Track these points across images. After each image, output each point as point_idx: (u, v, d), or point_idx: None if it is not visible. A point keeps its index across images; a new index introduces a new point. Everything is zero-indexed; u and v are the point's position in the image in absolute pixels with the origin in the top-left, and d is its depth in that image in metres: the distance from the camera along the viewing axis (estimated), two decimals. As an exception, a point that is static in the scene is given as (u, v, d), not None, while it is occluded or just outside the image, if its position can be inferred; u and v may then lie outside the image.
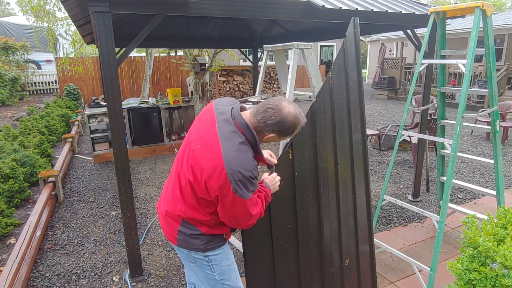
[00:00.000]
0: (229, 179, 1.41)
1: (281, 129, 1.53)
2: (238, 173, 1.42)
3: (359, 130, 2.17)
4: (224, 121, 1.53)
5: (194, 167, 1.51)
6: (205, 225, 1.64)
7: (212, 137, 1.50)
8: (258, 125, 1.53)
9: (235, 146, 1.46)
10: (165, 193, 1.76)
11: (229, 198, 1.46)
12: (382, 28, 5.00)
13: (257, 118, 1.53)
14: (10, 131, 6.73)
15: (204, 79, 13.53)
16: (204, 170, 1.46)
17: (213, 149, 1.46)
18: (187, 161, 1.57)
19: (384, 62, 15.21)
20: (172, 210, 1.67)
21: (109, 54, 2.50)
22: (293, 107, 1.54)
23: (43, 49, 14.03)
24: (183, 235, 1.66)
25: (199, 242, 1.66)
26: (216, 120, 1.54)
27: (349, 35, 2.08)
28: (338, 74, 2.08)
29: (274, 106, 1.51)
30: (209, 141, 1.49)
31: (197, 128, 1.61)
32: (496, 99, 2.79)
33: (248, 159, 1.47)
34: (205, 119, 1.61)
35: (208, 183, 1.46)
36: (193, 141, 1.57)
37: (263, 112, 1.52)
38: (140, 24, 5.71)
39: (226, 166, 1.41)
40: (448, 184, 2.55)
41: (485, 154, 6.36)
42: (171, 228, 1.69)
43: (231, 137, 1.48)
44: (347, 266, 2.27)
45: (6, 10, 36.28)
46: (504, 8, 31.27)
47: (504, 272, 1.39)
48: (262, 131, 1.54)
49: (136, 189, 4.91)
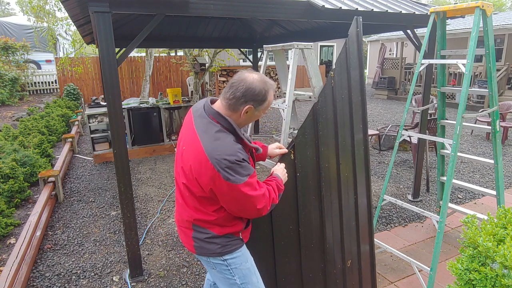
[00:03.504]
0: (216, 169, 1.41)
1: (252, 96, 1.51)
2: (223, 160, 1.42)
3: (361, 130, 2.17)
4: (199, 117, 1.56)
5: (184, 168, 1.54)
6: (215, 226, 1.62)
7: (192, 135, 1.53)
8: (230, 103, 1.52)
9: (213, 136, 1.48)
10: (176, 205, 1.78)
11: (224, 188, 1.45)
12: (382, 28, 5.00)
13: (226, 96, 1.53)
14: (10, 131, 6.73)
15: (204, 79, 13.53)
16: (192, 168, 1.49)
17: (195, 145, 1.49)
18: (178, 165, 1.61)
19: (384, 62, 15.21)
20: (181, 218, 1.69)
21: (109, 54, 2.50)
22: (256, 74, 1.55)
23: (43, 49, 14.03)
24: (199, 241, 1.66)
25: (215, 247, 1.64)
26: (193, 119, 1.59)
27: (351, 35, 2.08)
28: (340, 73, 2.07)
29: (237, 78, 1.54)
30: (191, 140, 1.52)
31: (182, 133, 1.66)
32: (496, 99, 2.79)
33: (228, 144, 1.47)
34: (186, 123, 1.65)
35: (199, 179, 1.48)
36: (181, 146, 1.62)
37: (229, 88, 1.53)
38: (140, 24, 5.71)
39: (210, 157, 1.42)
40: (448, 184, 2.55)
41: (485, 154, 6.36)
42: (187, 236, 1.69)
43: (207, 129, 1.50)
44: (349, 267, 2.26)
45: (6, 10, 36.27)
46: (504, 8, 31.27)
47: (504, 272, 1.39)
48: (236, 107, 1.53)
49: (136, 189, 4.91)
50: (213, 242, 1.64)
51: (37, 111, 9.52)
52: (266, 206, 1.57)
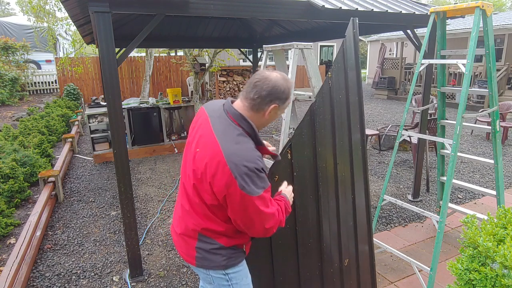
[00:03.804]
0: (233, 175, 1.31)
1: (278, 95, 1.44)
2: (242, 166, 1.31)
3: (358, 130, 2.17)
4: (218, 118, 1.47)
5: (197, 172, 1.42)
6: (223, 236, 1.52)
7: (208, 136, 1.42)
8: (254, 103, 1.44)
9: (234, 139, 1.38)
10: (177, 213, 1.66)
11: (236, 197, 1.34)
12: (382, 28, 5.00)
13: (250, 97, 1.44)
14: (10, 131, 6.73)
15: (204, 79, 13.54)
16: (206, 171, 1.37)
17: (212, 147, 1.38)
18: (190, 168, 1.48)
19: (384, 62, 15.21)
20: (185, 227, 1.56)
21: (109, 54, 2.50)
22: (277, 72, 1.49)
23: (43, 49, 14.04)
24: (202, 252, 1.54)
25: (220, 259, 1.53)
26: (209, 120, 1.48)
27: (348, 36, 2.08)
28: (338, 74, 2.08)
29: (260, 77, 1.44)
30: (206, 141, 1.42)
31: (193, 135, 1.55)
32: (496, 99, 2.79)
33: (249, 149, 1.38)
34: (199, 124, 1.54)
35: (214, 184, 1.37)
36: (193, 148, 1.50)
37: (253, 88, 1.44)
38: (140, 24, 5.71)
39: (228, 161, 1.32)
40: (448, 184, 2.55)
41: (485, 154, 6.36)
42: (189, 247, 1.57)
43: (228, 131, 1.41)
44: (347, 266, 2.27)
45: (6, 10, 36.28)
46: (504, 8, 31.27)
47: (504, 272, 1.39)
48: (261, 107, 1.45)
49: (136, 189, 4.91)
50: (219, 254, 1.53)
51: (37, 111, 9.52)
52: (273, 227, 1.47)
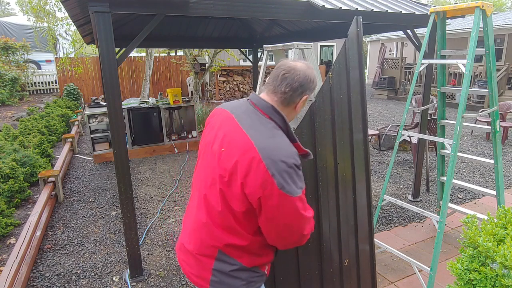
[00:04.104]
0: (270, 172, 1.14)
1: (309, 85, 1.33)
2: (280, 162, 1.15)
3: (361, 130, 2.17)
4: (244, 113, 1.31)
5: (224, 174, 1.23)
6: (245, 254, 1.31)
7: (236, 133, 1.25)
8: (286, 96, 1.30)
9: (267, 133, 1.23)
10: (187, 227, 1.44)
11: (274, 199, 1.16)
12: (382, 28, 5.00)
13: (281, 90, 1.30)
14: (10, 131, 6.73)
15: (204, 79, 13.54)
16: (237, 171, 1.19)
17: (242, 143, 1.21)
18: (212, 173, 1.29)
19: (384, 62, 15.22)
20: (201, 243, 1.34)
21: (109, 54, 2.50)
22: (299, 61, 1.37)
23: (43, 49, 14.04)
24: (220, 275, 1.31)
25: (239, 283, 1.31)
26: (234, 116, 1.31)
27: (351, 35, 2.08)
28: (339, 74, 2.07)
29: (288, 68, 1.31)
30: (234, 138, 1.24)
31: (212, 136, 1.35)
32: (496, 99, 2.79)
33: (286, 144, 1.23)
34: (219, 123, 1.35)
35: (246, 185, 1.18)
36: (215, 149, 1.30)
37: (282, 80, 1.30)
38: (140, 24, 5.71)
39: (263, 156, 1.15)
40: (448, 184, 2.55)
41: (485, 154, 6.36)
42: (203, 267, 1.34)
43: (259, 125, 1.25)
44: (347, 266, 2.27)
45: (6, 10, 36.29)
46: (504, 8, 31.27)
47: (504, 272, 1.39)
48: (293, 99, 1.32)
49: (136, 189, 4.91)
50: (238, 277, 1.31)
51: (37, 111, 9.52)
52: (309, 234, 1.29)
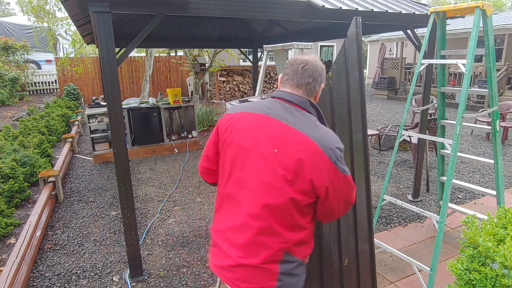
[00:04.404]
0: (332, 160, 1.24)
1: (324, 74, 1.42)
2: (336, 149, 1.26)
3: (360, 130, 2.17)
4: (284, 111, 1.33)
5: (288, 174, 1.24)
6: (302, 246, 1.34)
7: (285, 131, 1.28)
8: (309, 87, 1.38)
9: (315, 125, 1.31)
10: (234, 243, 1.33)
11: (340, 181, 1.27)
12: (382, 28, 5.00)
13: (305, 82, 1.37)
14: (10, 131, 6.74)
15: (204, 79, 13.54)
16: (303, 167, 1.23)
17: (298, 140, 1.25)
18: (270, 176, 1.27)
19: (384, 62, 15.22)
20: (266, 251, 1.28)
21: (109, 54, 2.50)
22: (306, 55, 1.46)
23: (43, 49, 14.04)
24: (284, 277, 1.29)
25: (298, 280, 1.33)
26: (272, 117, 1.32)
27: (351, 35, 2.08)
28: (339, 74, 2.07)
29: (303, 61, 1.38)
30: (286, 137, 1.27)
31: (250, 140, 1.32)
32: (496, 99, 2.79)
33: (331, 131, 1.34)
34: (255, 126, 1.34)
35: (315, 178, 1.23)
36: (263, 153, 1.29)
37: (303, 72, 1.36)
38: (140, 24, 5.71)
39: (323, 147, 1.24)
40: (448, 184, 2.55)
41: (485, 154, 6.36)
42: (268, 277, 1.28)
43: (304, 120, 1.31)
44: (347, 266, 2.27)
45: (6, 10, 36.29)
46: (504, 8, 31.28)
47: (504, 272, 1.39)
48: (314, 89, 1.40)
49: (136, 189, 4.91)
50: (296, 274, 1.32)
51: (37, 111, 9.52)
52: None
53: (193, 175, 5.45)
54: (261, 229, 1.28)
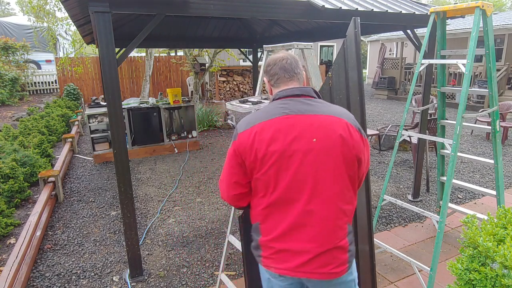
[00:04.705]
0: (357, 129, 1.41)
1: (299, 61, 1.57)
2: (355, 119, 1.44)
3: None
4: (300, 105, 1.40)
5: (337, 154, 1.35)
6: (353, 215, 1.49)
7: (315, 121, 1.36)
8: (299, 76, 1.50)
9: (330, 105, 1.45)
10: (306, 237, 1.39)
11: (367, 147, 1.46)
12: (382, 28, 5.00)
13: (294, 73, 1.48)
14: (10, 131, 6.74)
15: (204, 79, 13.53)
16: (345, 142, 1.34)
17: (330, 121, 1.36)
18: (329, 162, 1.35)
19: (384, 62, 15.21)
20: (336, 232, 1.39)
21: (109, 54, 2.50)
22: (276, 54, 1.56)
23: (43, 49, 14.04)
24: (351, 247, 1.43)
25: (353, 246, 1.46)
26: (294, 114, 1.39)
27: (350, 35, 2.08)
28: (338, 74, 2.08)
29: (284, 57, 1.49)
30: (318, 125, 1.36)
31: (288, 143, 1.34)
32: (496, 99, 2.79)
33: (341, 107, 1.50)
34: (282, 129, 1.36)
35: (355, 148, 1.37)
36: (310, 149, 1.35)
37: (289, 66, 1.47)
38: (140, 24, 5.71)
39: (350, 121, 1.39)
40: (448, 184, 2.55)
41: (485, 154, 6.36)
42: (341, 252, 1.40)
43: (320, 105, 1.42)
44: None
45: (6, 10, 36.30)
46: (504, 8, 31.28)
47: (504, 272, 1.39)
48: (302, 76, 1.53)
49: (136, 189, 4.91)
50: (354, 241, 1.46)
51: (37, 111, 9.52)
52: None
53: (193, 175, 5.45)
54: (332, 214, 1.37)
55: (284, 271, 1.41)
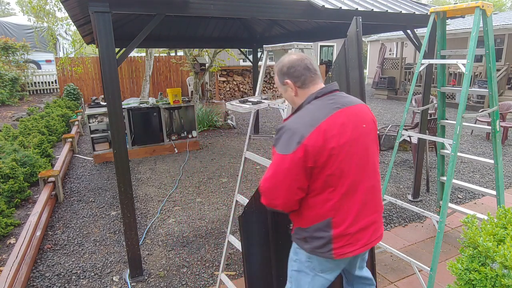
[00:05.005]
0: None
1: None
2: None
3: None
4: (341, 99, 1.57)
5: (375, 136, 1.64)
6: None
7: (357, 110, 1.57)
8: (319, 73, 1.63)
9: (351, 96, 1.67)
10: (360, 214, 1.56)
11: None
12: (382, 28, 5.00)
13: (317, 72, 1.59)
14: (10, 131, 6.74)
15: (204, 79, 13.54)
16: (376, 127, 1.65)
17: (364, 109, 1.61)
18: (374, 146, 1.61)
19: (384, 62, 15.21)
20: (380, 205, 1.67)
21: (109, 54, 2.50)
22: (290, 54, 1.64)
23: (43, 49, 14.04)
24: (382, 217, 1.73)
25: None
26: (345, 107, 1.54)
27: (351, 35, 2.08)
28: (339, 74, 2.08)
29: (303, 57, 1.58)
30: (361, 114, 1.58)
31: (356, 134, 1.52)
32: (496, 99, 2.79)
33: None
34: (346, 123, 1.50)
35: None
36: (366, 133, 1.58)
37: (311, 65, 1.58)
38: (140, 24, 5.71)
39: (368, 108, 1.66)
40: (448, 184, 2.55)
41: (485, 154, 6.36)
42: (381, 223, 1.70)
43: (349, 96, 1.63)
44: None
45: (6, 10, 36.30)
46: (504, 8, 31.28)
47: (504, 272, 1.39)
48: None
49: (136, 189, 4.91)
50: None
51: (37, 111, 9.52)
52: None
53: (193, 175, 5.45)
54: (378, 183, 1.63)
55: (358, 250, 1.57)
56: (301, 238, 1.60)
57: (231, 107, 2.26)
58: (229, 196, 4.63)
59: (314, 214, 1.52)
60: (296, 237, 1.64)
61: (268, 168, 1.52)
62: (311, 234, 1.55)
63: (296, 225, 1.64)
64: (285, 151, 1.43)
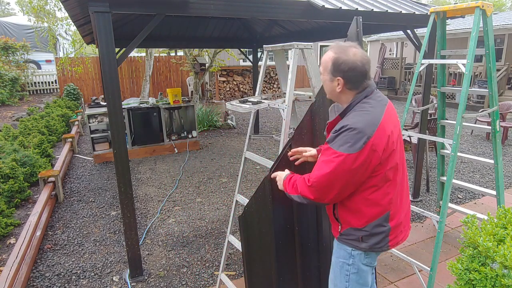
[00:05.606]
0: None
1: None
2: None
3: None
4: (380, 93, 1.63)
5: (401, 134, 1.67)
6: None
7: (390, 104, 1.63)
8: None
9: None
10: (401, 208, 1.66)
11: None
12: (382, 28, 5.00)
13: None
14: (10, 131, 6.73)
15: (204, 79, 13.54)
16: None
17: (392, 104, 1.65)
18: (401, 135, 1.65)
19: (384, 62, 15.22)
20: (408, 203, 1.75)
21: (109, 54, 2.50)
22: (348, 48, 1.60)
23: (43, 49, 14.04)
24: None
25: None
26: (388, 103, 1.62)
27: (351, 34, 2.08)
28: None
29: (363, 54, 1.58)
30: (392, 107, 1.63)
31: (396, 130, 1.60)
32: (496, 99, 2.79)
33: None
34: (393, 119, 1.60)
35: None
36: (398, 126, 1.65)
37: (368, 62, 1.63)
38: (140, 24, 5.72)
39: None
40: (448, 184, 2.55)
41: (485, 154, 6.36)
42: None
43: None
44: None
45: (6, 10, 36.30)
46: (504, 8, 31.27)
47: (504, 272, 1.39)
48: None
49: (136, 189, 4.91)
50: None
51: (37, 111, 9.52)
52: None
53: (193, 175, 5.45)
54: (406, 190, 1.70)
55: (406, 235, 1.70)
56: (355, 239, 1.59)
57: (231, 107, 2.26)
58: (229, 196, 4.63)
59: (375, 209, 1.54)
60: (347, 238, 1.62)
61: (321, 164, 1.49)
62: (369, 232, 1.56)
63: (346, 225, 1.61)
64: (349, 150, 1.42)
